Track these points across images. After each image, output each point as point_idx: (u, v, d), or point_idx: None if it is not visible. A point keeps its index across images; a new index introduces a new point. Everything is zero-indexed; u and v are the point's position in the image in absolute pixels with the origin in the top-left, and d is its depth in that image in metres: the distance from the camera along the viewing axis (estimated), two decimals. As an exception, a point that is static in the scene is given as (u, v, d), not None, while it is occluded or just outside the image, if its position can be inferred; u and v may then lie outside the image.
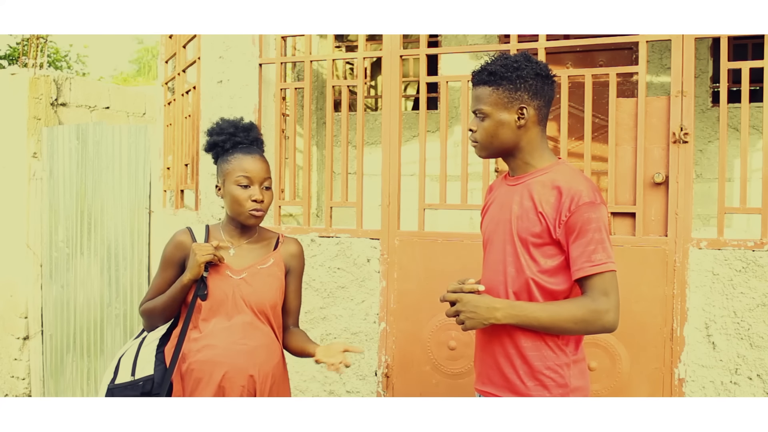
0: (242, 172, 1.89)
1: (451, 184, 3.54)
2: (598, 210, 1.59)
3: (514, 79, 1.66)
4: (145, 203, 4.18)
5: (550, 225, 1.62)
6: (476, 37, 4.94)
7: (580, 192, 1.60)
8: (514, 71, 1.66)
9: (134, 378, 1.88)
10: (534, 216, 1.64)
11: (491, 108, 1.68)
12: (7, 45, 10.10)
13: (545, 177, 1.68)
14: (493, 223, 1.78)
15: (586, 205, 1.58)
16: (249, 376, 1.86)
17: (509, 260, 1.68)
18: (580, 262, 1.58)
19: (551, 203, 1.63)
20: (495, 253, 1.74)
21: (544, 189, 1.65)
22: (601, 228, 1.58)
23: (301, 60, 3.33)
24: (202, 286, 1.88)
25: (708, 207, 4.69)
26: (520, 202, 1.69)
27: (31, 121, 4.60)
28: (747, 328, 2.50)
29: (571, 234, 1.59)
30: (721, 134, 2.60)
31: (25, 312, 4.61)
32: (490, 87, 1.68)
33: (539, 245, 1.64)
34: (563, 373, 1.65)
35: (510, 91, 1.67)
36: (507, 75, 1.66)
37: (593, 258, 1.57)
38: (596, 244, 1.57)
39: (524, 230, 1.66)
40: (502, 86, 1.67)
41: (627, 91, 4.50)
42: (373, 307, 3.03)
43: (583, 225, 1.58)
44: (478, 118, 1.71)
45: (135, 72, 20.59)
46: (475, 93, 1.72)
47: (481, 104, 1.69)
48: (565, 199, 1.60)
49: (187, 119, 3.62)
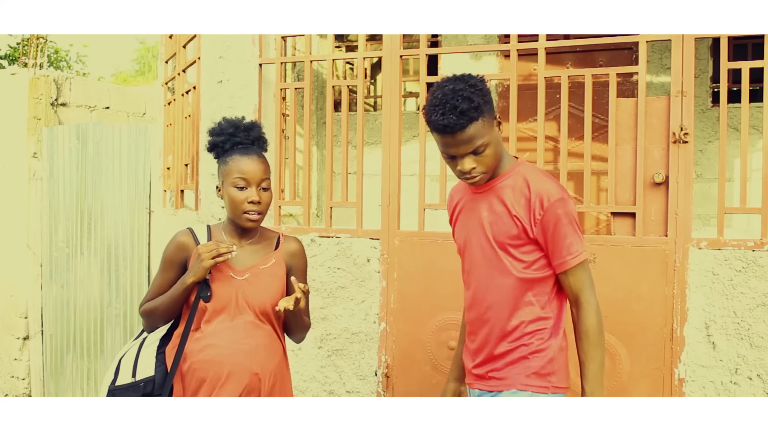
0: (239, 174, 1.87)
1: (450, 184, 3.54)
2: (567, 204, 1.69)
3: (486, 100, 1.66)
4: (145, 203, 4.18)
5: (526, 226, 1.70)
6: (476, 37, 4.94)
7: (548, 191, 1.69)
8: (480, 94, 1.64)
9: (135, 379, 1.87)
10: (509, 219, 1.73)
11: (488, 137, 1.67)
12: (7, 45, 10.11)
13: (511, 180, 1.75)
14: (465, 230, 1.85)
15: (556, 203, 1.68)
16: (254, 374, 1.86)
17: (491, 264, 1.76)
18: (562, 255, 1.70)
19: (522, 205, 1.71)
20: (474, 258, 1.81)
21: (513, 192, 1.73)
22: (573, 221, 1.70)
23: (301, 60, 3.33)
24: (205, 288, 1.87)
25: (708, 207, 4.68)
26: (490, 208, 1.76)
27: (31, 121, 4.60)
28: (747, 328, 2.50)
29: (548, 231, 1.69)
30: (721, 134, 2.60)
31: (25, 312, 4.61)
32: (480, 120, 1.64)
33: (518, 246, 1.73)
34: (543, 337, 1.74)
35: (489, 111, 1.67)
36: (481, 100, 1.64)
37: (572, 250, 1.69)
38: (571, 237, 1.69)
39: (500, 234, 1.74)
40: (485, 111, 1.66)
41: (627, 91, 4.50)
42: (373, 307, 3.03)
43: (557, 221, 1.68)
44: (478, 154, 1.68)
45: (135, 72, 20.59)
46: (463, 137, 1.64)
47: (479, 140, 1.65)
48: (535, 200, 1.69)
49: (187, 119, 3.62)
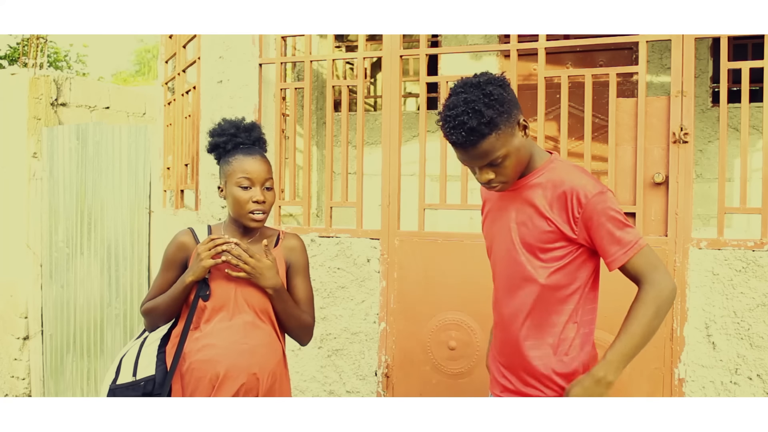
0: (243, 174, 1.88)
1: (451, 184, 3.55)
2: (606, 198, 1.59)
3: (501, 111, 1.55)
4: (145, 203, 4.17)
5: (561, 226, 1.61)
6: (476, 37, 4.94)
7: (584, 186, 1.59)
8: (495, 104, 1.54)
9: (136, 378, 1.88)
10: (539, 220, 1.64)
11: (506, 148, 1.57)
12: (7, 45, 10.11)
13: (543, 178, 1.66)
14: (493, 231, 1.79)
15: (595, 197, 1.58)
16: (252, 374, 1.86)
17: (516, 269, 1.68)
18: (613, 251, 1.59)
19: (556, 205, 1.62)
20: (501, 262, 1.75)
21: (545, 191, 1.64)
22: (617, 213, 1.59)
23: (301, 60, 3.33)
24: (204, 287, 1.88)
25: (708, 207, 4.68)
26: (519, 208, 1.68)
27: (31, 121, 4.60)
28: (747, 328, 2.50)
29: (591, 228, 1.59)
30: (721, 134, 2.60)
31: (25, 312, 4.61)
32: (494, 134, 1.54)
33: (546, 250, 1.64)
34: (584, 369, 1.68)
35: (506, 121, 1.56)
36: (494, 113, 1.54)
37: (623, 243, 1.58)
38: (619, 229, 1.58)
39: (529, 236, 1.65)
40: (500, 123, 1.55)
41: (627, 91, 4.51)
42: (373, 307, 3.03)
43: (599, 216, 1.58)
44: (495, 166, 1.59)
45: (135, 72, 20.59)
46: (476, 152, 1.56)
47: (494, 153, 1.56)
48: (572, 197, 1.59)
49: (187, 119, 3.62)
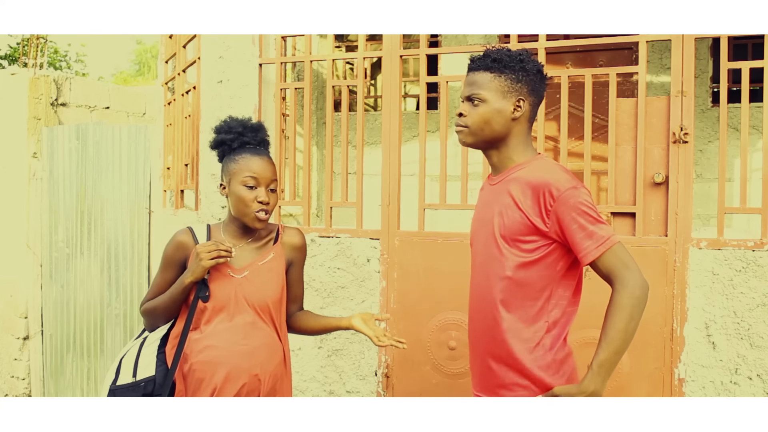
0: (250, 173, 1.87)
1: (451, 184, 3.54)
2: (579, 192, 1.58)
3: (518, 70, 1.66)
4: (145, 203, 4.17)
5: (533, 219, 1.60)
6: (476, 37, 4.94)
7: (558, 180, 1.59)
8: (518, 62, 1.66)
9: (136, 379, 1.87)
10: (514, 211, 1.64)
11: (490, 94, 1.66)
12: (7, 45, 10.11)
13: (522, 172, 1.67)
14: (476, 222, 1.80)
15: (568, 191, 1.57)
16: (253, 375, 1.86)
17: (491, 261, 1.69)
18: (585, 245, 1.56)
19: (530, 197, 1.61)
20: (479, 254, 1.76)
21: (520, 184, 1.64)
22: (589, 209, 1.57)
23: (301, 60, 3.33)
24: (204, 287, 1.87)
25: (708, 207, 4.68)
26: (500, 200, 1.69)
27: (31, 121, 4.60)
28: (747, 328, 2.50)
29: (563, 221, 1.57)
30: (721, 134, 2.60)
31: (25, 312, 4.60)
32: (492, 73, 1.66)
33: (521, 241, 1.63)
34: (554, 370, 1.64)
35: (512, 81, 1.66)
36: (511, 65, 1.66)
37: (595, 237, 1.55)
38: (591, 224, 1.56)
39: (503, 227, 1.65)
40: (505, 74, 1.66)
41: (627, 91, 4.50)
42: (373, 307, 3.03)
43: (570, 210, 1.56)
44: (473, 103, 1.68)
45: (135, 72, 20.59)
46: (472, 78, 1.68)
47: (480, 89, 1.66)
48: (544, 190, 1.58)
49: (187, 119, 3.62)
